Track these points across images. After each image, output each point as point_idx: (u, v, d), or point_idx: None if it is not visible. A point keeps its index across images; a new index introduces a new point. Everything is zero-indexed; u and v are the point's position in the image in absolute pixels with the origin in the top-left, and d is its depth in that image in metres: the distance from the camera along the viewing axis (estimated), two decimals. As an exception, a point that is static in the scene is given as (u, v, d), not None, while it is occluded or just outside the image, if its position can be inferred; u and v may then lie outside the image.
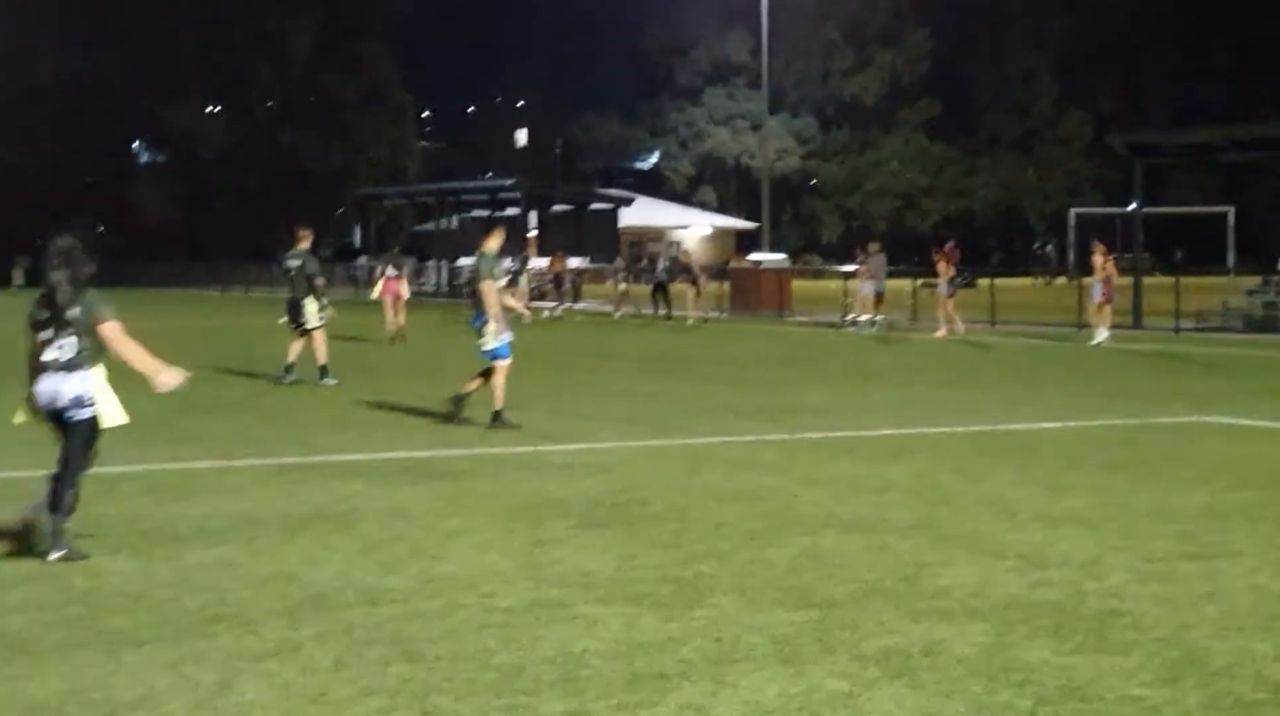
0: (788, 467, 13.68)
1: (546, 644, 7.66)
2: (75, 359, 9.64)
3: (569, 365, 25.88)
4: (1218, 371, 24.89)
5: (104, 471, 13.43)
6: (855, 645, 7.62)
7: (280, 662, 7.36)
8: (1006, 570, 9.32)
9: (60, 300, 9.63)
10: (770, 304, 45.89)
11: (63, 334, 9.63)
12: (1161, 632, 7.85)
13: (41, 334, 9.67)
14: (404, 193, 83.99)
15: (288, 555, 9.88)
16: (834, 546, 10.07)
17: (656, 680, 7.04)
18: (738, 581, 9.04)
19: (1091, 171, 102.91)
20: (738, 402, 19.61)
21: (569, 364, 26.17)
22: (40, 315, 9.72)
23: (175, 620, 8.16)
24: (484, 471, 13.46)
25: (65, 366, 9.64)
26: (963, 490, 12.38)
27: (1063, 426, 17.03)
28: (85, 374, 9.70)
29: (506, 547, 10.06)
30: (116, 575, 9.28)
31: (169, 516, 11.26)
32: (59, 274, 9.69)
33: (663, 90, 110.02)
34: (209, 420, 17.68)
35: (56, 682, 7.00)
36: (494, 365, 16.79)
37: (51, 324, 9.64)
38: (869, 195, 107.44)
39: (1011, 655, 7.43)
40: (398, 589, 8.87)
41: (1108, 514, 11.23)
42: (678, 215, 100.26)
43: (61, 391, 9.65)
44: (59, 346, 9.63)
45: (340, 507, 11.60)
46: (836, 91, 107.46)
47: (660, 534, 10.51)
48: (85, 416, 9.75)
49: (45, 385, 9.67)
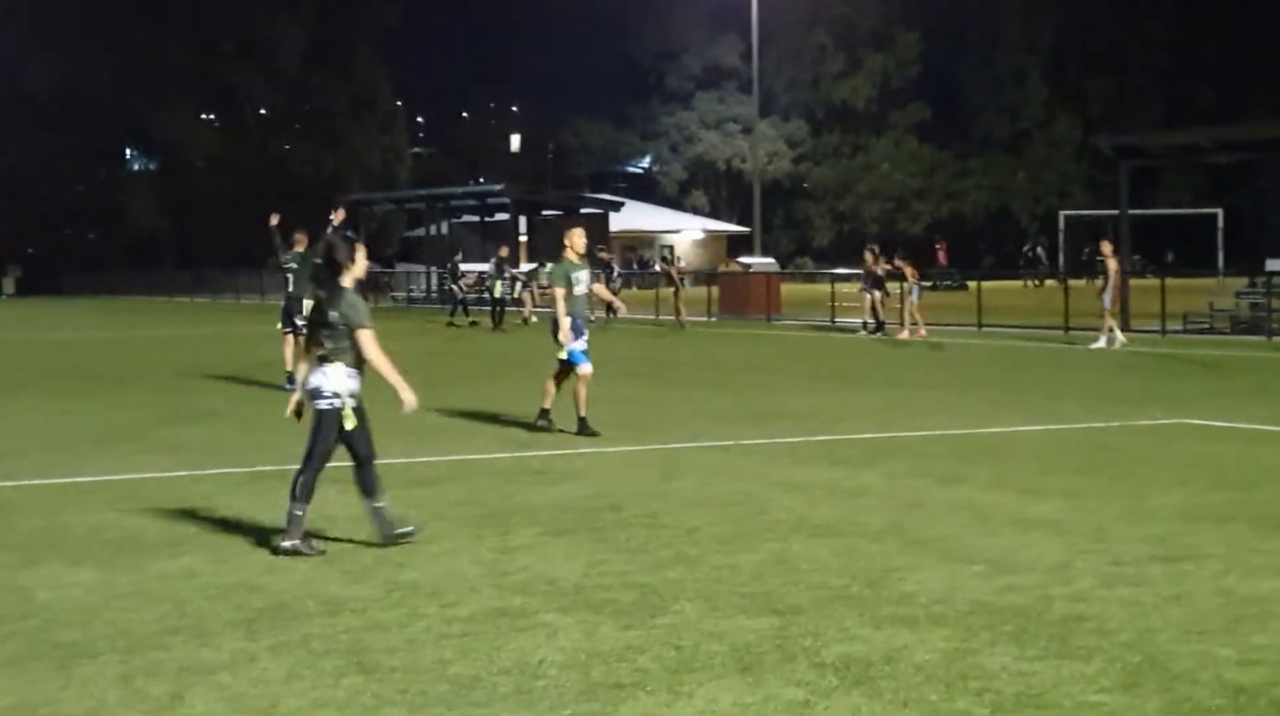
0: (763, 473, 13.61)
1: (504, 654, 7.60)
2: (328, 354, 10.13)
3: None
4: (1202, 373, 24.83)
5: (75, 481, 13.45)
6: (816, 652, 7.56)
7: (233, 674, 7.30)
8: (974, 575, 9.27)
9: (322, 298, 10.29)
10: (759, 308, 45.83)
11: (324, 330, 10.19)
12: (1125, 637, 7.79)
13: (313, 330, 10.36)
14: (393, 198, 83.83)
15: (252, 564, 9.81)
16: (803, 551, 10.01)
17: (612, 690, 6.98)
18: (703, 588, 8.98)
19: (1082, 173, 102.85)
20: (718, 407, 19.54)
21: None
22: (314, 315, 10.38)
23: (131, 631, 8.10)
24: (458, 478, 13.41)
25: (320, 360, 10.17)
26: (936, 495, 12.32)
27: (1042, 429, 16.96)
28: (332, 369, 10.14)
29: (473, 555, 10.00)
30: (78, 586, 9.22)
31: (135, 526, 11.19)
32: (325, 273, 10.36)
33: (653, 94, 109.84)
34: (187, 429, 17.61)
35: (6, 697, 6.96)
36: (575, 371, 16.55)
37: (320, 321, 10.25)
38: (860, 198, 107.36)
39: (972, 662, 7.37)
40: (359, 598, 8.81)
41: (1080, 517, 11.17)
42: (669, 219, 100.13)
43: (310, 381, 10.20)
44: (322, 341, 10.19)
45: (310, 516, 11.49)
46: (827, 95, 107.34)
47: (629, 540, 10.45)
48: (323, 407, 10.14)
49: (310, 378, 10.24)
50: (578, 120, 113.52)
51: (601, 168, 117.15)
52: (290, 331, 22.22)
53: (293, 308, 22.24)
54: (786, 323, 44.22)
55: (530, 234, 68.67)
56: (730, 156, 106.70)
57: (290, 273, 22.42)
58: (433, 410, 19.42)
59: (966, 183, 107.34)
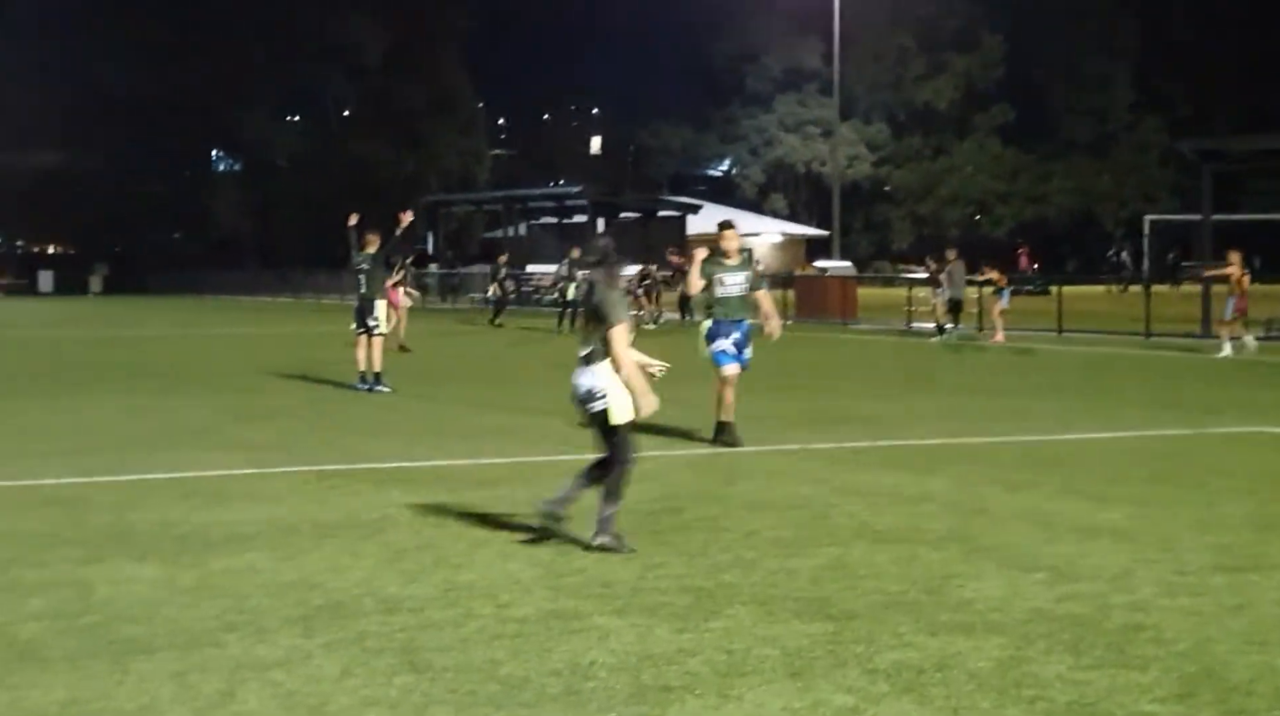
0: (827, 477, 13.56)
1: (556, 655, 7.61)
2: (591, 354, 10.19)
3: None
4: (1282, 380, 24.55)
5: (144, 477, 13.58)
6: (868, 658, 7.53)
7: (286, 671, 7.34)
8: (1034, 583, 9.19)
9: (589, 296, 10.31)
10: (835, 311, 45.69)
11: (590, 330, 10.30)
12: (1183, 647, 7.71)
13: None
14: (471, 199, 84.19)
15: (313, 562, 9.87)
16: (862, 557, 9.96)
17: (660, 692, 6.98)
18: (758, 592, 8.96)
19: (1168, 177, 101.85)
20: (785, 411, 19.51)
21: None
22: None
23: (189, 628, 8.17)
24: (521, 479, 13.43)
25: (585, 360, 10.21)
26: (1002, 501, 12.23)
27: (1113, 437, 16.81)
28: (598, 368, 10.16)
29: (531, 556, 10.01)
30: (140, 582, 9.30)
31: (202, 522, 11.27)
32: (596, 273, 10.35)
33: (734, 97, 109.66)
34: (257, 428, 17.74)
35: (59, 692, 7.01)
36: (718, 372, 15.91)
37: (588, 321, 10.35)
38: (942, 202, 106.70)
39: (1026, 670, 7.31)
40: (416, 597, 8.84)
41: (1146, 526, 11.06)
42: (748, 222, 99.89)
43: (579, 383, 10.22)
44: (587, 342, 10.26)
45: (372, 515, 11.58)
46: (909, 97, 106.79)
47: (687, 543, 10.44)
48: (597, 408, 10.16)
49: (576, 378, 10.28)
50: (658, 123, 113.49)
51: (681, 170, 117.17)
52: (363, 332, 22.34)
53: (365, 308, 22.37)
54: (862, 327, 44.05)
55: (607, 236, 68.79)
56: (810, 159, 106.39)
57: (363, 273, 22.53)
58: (496, 411, 19.52)
59: (1050, 186, 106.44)
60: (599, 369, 10.12)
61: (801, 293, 48.92)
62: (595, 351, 10.15)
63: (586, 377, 10.15)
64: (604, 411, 10.11)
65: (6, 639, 7.96)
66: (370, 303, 22.36)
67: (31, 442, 16.28)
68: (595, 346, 10.15)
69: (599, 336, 10.14)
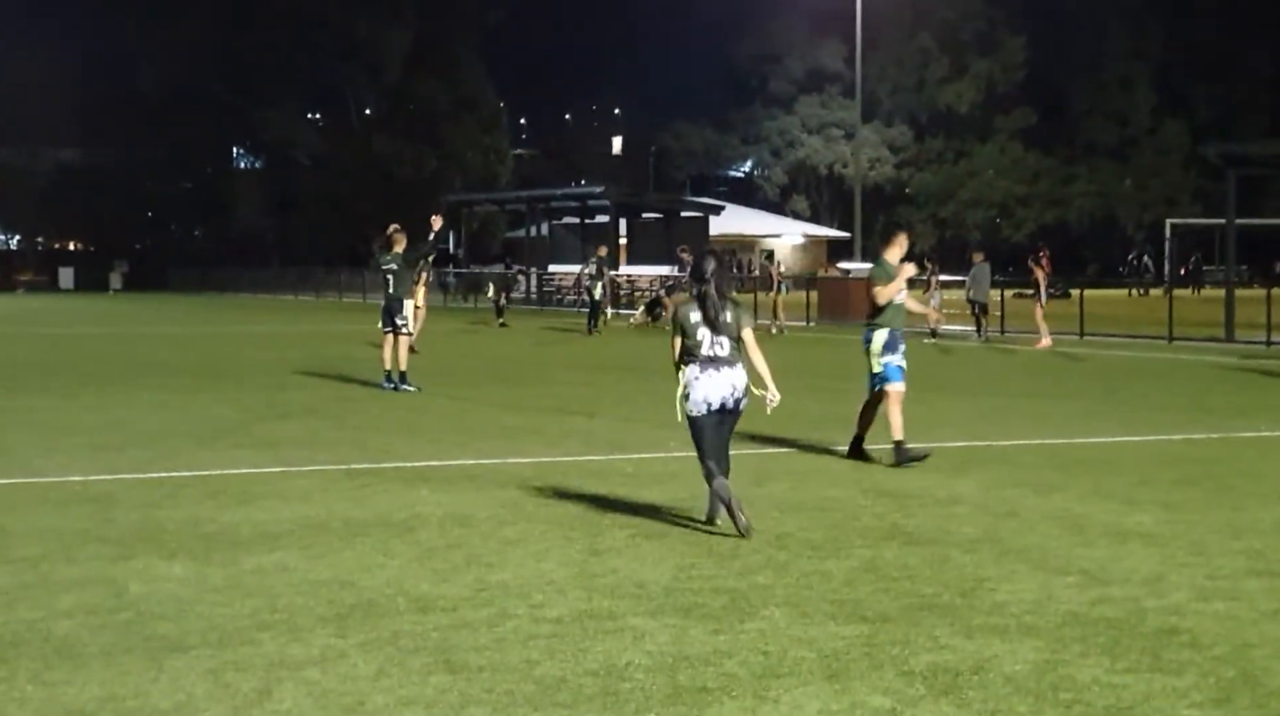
0: (856, 479, 13.55)
1: (591, 656, 7.60)
2: (730, 356, 10.89)
3: (648, 371, 25.75)
4: (1308, 385, 24.45)
5: (172, 475, 13.60)
6: (904, 661, 7.51)
7: (322, 670, 7.34)
8: (1067, 586, 9.16)
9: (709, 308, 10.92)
10: (858, 313, 45.53)
11: (718, 335, 10.89)
12: (1219, 651, 7.68)
13: (700, 333, 10.91)
14: (494, 199, 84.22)
15: (344, 561, 9.87)
16: (894, 559, 9.95)
17: (697, 694, 6.97)
18: (792, 594, 8.94)
19: (1190, 182, 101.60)
20: (813, 412, 19.51)
21: (648, 370, 26.06)
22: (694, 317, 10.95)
23: (222, 626, 8.17)
24: (550, 478, 13.39)
25: (727, 361, 10.89)
26: (1032, 504, 12.20)
27: (1141, 440, 16.77)
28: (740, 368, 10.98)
29: (563, 556, 10.00)
30: (172, 580, 9.31)
31: (231, 520, 11.29)
32: (709, 285, 10.96)
33: (756, 98, 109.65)
34: (284, 426, 17.75)
35: (95, 689, 7.01)
36: (884, 389, 14.91)
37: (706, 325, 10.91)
38: (963, 204, 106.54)
39: (1062, 673, 7.29)
40: (449, 597, 8.84)
41: (1177, 530, 11.03)
42: (770, 224, 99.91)
43: (734, 383, 10.88)
44: (715, 344, 10.87)
45: (402, 514, 11.59)
46: (931, 100, 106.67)
47: (719, 544, 10.43)
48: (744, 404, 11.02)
49: (718, 379, 10.87)
50: (679, 123, 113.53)
51: (703, 171, 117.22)
52: (390, 331, 22.35)
53: (393, 307, 22.38)
54: (885, 328, 43.91)
55: (630, 236, 68.80)
56: (832, 161, 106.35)
57: (391, 274, 22.53)
58: (522, 410, 19.52)
59: (1071, 189, 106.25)
60: (740, 369, 10.94)
61: (824, 294, 48.88)
62: (735, 352, 10.92)
63: (737, 375, 10.89)
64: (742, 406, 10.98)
65: (41, 635, 7.97)
66: (399, 302, 22.37)
67: (59, 439, 16.30)
68: (734, 349, 10.92)
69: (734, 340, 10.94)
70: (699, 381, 10.81)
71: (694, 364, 10.86)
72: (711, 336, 10.83)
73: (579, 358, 31.05)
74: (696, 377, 10.83)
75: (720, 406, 10.81)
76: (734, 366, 10.86)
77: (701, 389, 10.80)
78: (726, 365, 10.82)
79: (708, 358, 10.82)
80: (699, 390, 10.81)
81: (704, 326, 10.84)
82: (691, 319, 10.89)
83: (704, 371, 10.82)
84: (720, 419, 10.87)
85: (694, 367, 10.86)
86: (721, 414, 10.85)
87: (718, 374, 10.80)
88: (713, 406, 10.80)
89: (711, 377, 10.80)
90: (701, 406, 10.81)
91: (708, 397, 10.79)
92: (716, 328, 10.83)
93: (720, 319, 10.84)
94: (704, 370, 10.82)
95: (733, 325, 10.88)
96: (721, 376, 10.79)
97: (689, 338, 10.89)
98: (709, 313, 10.85)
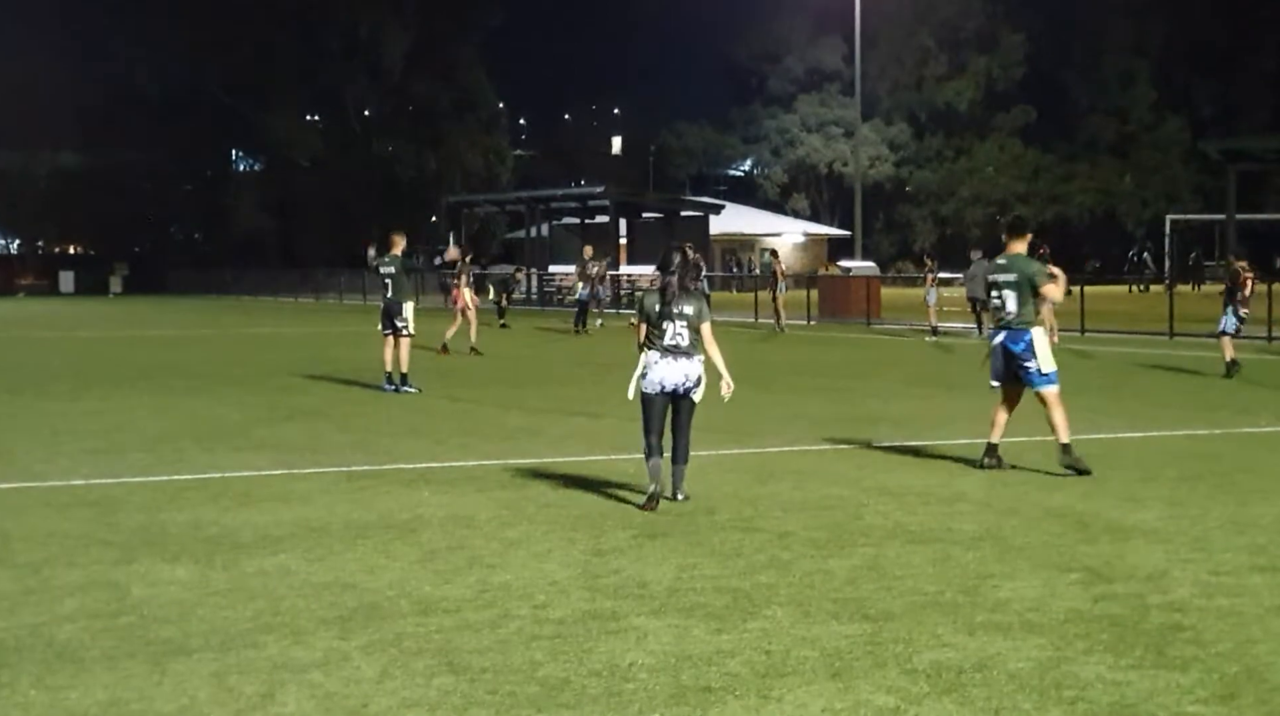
0: (859, 478, 13.53)
1: (595, 656, 7.60)
2: (689, 347, 11.81)
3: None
4: (1310, 380, 24.42)
5: (174, 478, 13.59)
6: (907, 659, 7.50)
7: (325, 673, 7.34)
8: (1070, 583, 9.16)
9: (668, 298, 11.88)
10: (858, 312, 45.61)
11: (677, 323, 11.81)
12: (1223, 648, 7.67)
13: (664, 323, 11.86)
14: (494, 200, 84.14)
15: (346, 563, 9.87)
16: (897, 557, 9.94)
17: (701, 693, 6.96)
18: (795, 593, 8.94)
19: (1190, 177, 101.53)
20: (815, 411, 19.47)
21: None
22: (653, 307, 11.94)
23: (225, 629, 8.17)
24: (552, 479, 13.38)
25: (685, 352, 11.81)
26: (1034, 501, 12.20)
27: (1143, 436, 16.76)
28: (697, 359, 11.89)
29: (565, 557, 10.00)
30: (174, 584, 9.30)
31: (233, 523, 11.28)
32: (672, 277, 11.92)
33: (755, 97, 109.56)
34: (285, 428, 17.74)
35: (99, 693, 7.01)
36: (1041, 393, 13.90)
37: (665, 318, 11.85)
38: (963, 202, 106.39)
39: (1066, 671, 7.28)
40: (452, 598, 8.83)
41: (1180, 526, 11.02)
42: (770, 222, 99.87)
43: (686, 372, 11.80)
44: (676, 335, 11.79)
45: (404, 516, 11.58)
46: (930, 97, 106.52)
47: (722, 543, 10.42)
48: (697, 393, 11.95)
49: (672, 366, 11.83)
50: (679, 123, 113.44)
51: (703, 170, 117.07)
52: (390, 333, 22.35)
53: (392, 309, 22.37)
54: (886, 326, 43.98)
55: (630, 236, 68.76)
56: (832, 160, 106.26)
57: (389, 277, 22.51)
58: (524, 411, 19.52)
59: (1071, 186, 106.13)
60: (697, 361, 11.84)
61: (825, 292, 48.86)
62: (692, 345, 11.80)
63: (692, 367, 11.80)
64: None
65: (44, 639, 7.97)
66: (398, 305, 22.35)
67: (61, 443, 16.30)
68: (690, 341, 11.80)
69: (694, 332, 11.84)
70: (657, 366, 11.79)
71: (655, 350, 11.81)
72: (674, 327, 11.76)
73: (580, 357, 31.04)
74: (655, 362, 11.80)
75: (672, 390, 11.77)
76: (690, 357, 11.79)
77: (658, 372, 11.77)
78: (684, 356, 11.77)
79: (669, 347, 11.76)
80: (655, 373, 11.77)
81: (665, 316, 11.78)
82: (655, 308, 11.87)
83: (663, 358, 11.78)
84: (668, 401, 11.82)
85: (655, 353, 11.82)
86: (671, 397, 11.80)
87: (674, 363, 11.76)
88: (665, 388, 11.76)
89: (669, 364, 11.76)
90: (655, 386, 11.77)
91: (662, 380, 11.76)
92: (676, 316, 11.76)
93: (678, 309, 11.78)
94: (664, 357, 11.78)
95: (693, 317, 11.83)
96: (678, 364, 11.75)
97: (653, 325, 11.86)
98: (667, 300, 11.80)
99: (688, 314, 11.81)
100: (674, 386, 11.75)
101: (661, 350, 11.78)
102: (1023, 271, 13.89)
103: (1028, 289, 13.84)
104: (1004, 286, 13.92)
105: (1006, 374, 14.08)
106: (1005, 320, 13.94)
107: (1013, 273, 13.89)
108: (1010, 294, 13.86)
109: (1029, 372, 13.86)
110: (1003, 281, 13.95)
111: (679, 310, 11.80)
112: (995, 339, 14.14)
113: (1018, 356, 13.87)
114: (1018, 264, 13.96)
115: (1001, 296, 13.95)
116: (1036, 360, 13.84)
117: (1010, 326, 13.89)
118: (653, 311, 11.86)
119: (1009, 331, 13.91)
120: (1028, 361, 13.84)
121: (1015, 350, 13.87)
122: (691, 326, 11.80)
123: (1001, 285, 13.95)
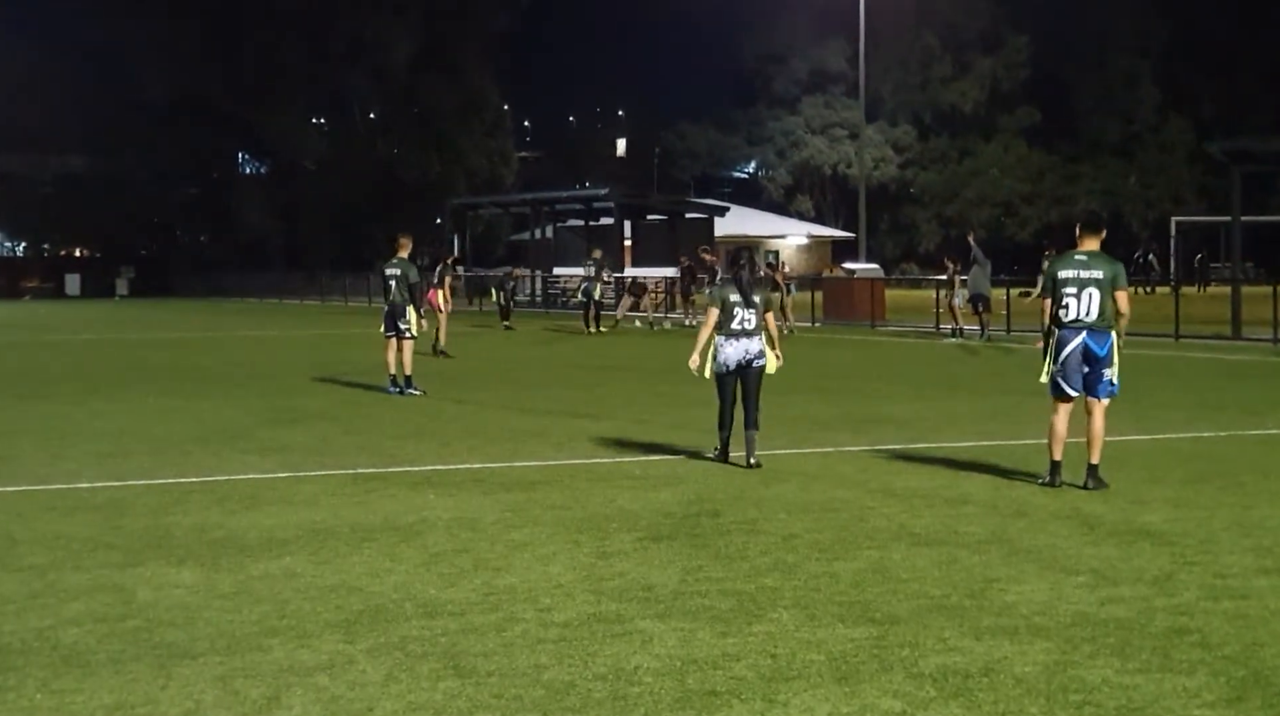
0: (863, 480, 13.52)
1: (600, 659, 7.59)
2: (754, 329, 14.29)
3: (653, 375, 25.76)
4: (1315, 382, 24.39)
5: (179, 481, 13.59)
6: (914, 663, 7.49)
7: (331, 676, 7.33)
8: (1077, 586, 9.14)
9: (744, 289, 14.28)
10: (863, 313, 45.59)
11: (747, 310, 14.23)
12: (1229, 651, 7.66)
13: (735, 309, 14.26)
14: (498, 202, 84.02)
15: (352, 566, 9.87)
16: (902, 560, 9.93)
17: (706, 697, 6.95)
18: (800, 596, 8.92)
19: (1195, 178, 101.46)
20: (819, 413, 19.48)
21: (653, 374, 26.07)
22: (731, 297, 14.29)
23: (231, 632, 8.16)
24: (557, 482, 13.39)
25: (749, 333, 14.28)
26: (1040, 503, 12.19)
27: (1150, 438, 16.74)
28: (760, 337, 14.40)
29: (570, 560, 9.99)
30: (180, 587, 9.30)
31: (239, 526, 11.28)
32: (744, 272, 14.45)
33: (760, 99, 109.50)
34: (291, 431, 17.75)
35: (104, 697, 7.01)
36: (1101, 403, 13.25)
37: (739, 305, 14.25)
38: (968, 203, 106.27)
39: (1073, 674, 7.27)
40: (457, 601, 8.83)
41: (1187, 528, 11.01)
42: (774, 224, 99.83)
43: (748, 348, 14.28)
44: (745, 319, 14.23)
45: (409, 518, 11.58)
46: (935, 99, 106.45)
47: (727, 546, 10.41)
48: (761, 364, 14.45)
49: (737, 344, 14.31)
50: (683, 125, 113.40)
51: (707, 172, 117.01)
52: (392, 335, 22.34)
53: (396, 312, 22.35)
54: (891, 328, 43.96)
55: (635, 238, 68.72)
56: (836, 161, 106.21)
57: (393, 279, 22.50)
58: (528, 413, 19.51)
59: (1076, 187, 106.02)
60: (758, 340, 14.32)
61: (829, 294, 48.85)
62: (758, 326, 14.29)
63: (753, 343, 14.30)
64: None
65: (50, 643, 7.97)
66: (401, 307, 22.34)
67: (67, 446, 16.32)
68: (758, 323, 14.30)
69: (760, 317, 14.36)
70: (724, 346, 14.22)
71: (724, 334, 14.21)
72: (743, 312, 14.16)
73: (585, 359, 31.03)
74: (723, 344, 14.22)
75: (737, 366, 14.21)
76: (753, 338, 14.24)
77: (725, 353, 14.20)
78: (747, 337, 14.22)
79: (736, 330, 14.19)
80: (724, 353, 14.21)
81: (739, 304, 14.15)
82: (731, 298, 14.20)
83: (729, 340, 14.21)
84: (737, 378, 14.24)
85: (723, 337, 14.23)
86: (739, 372, 14.21)
87: (737, 343, 14.20)
88: (730, 367, 14.23)
89: (734, 345, 14.21)
90: (724, 366, 14.22)
91: (728, 360, 14.21)
92: (749, 304, 14.15)
93: (753, 296, 14.18)
94: (728, 339, 14.22)
95: (761, 305, 14.28)
96: (741, 344, 14.22)
97: (725, 312, 14.21)
98: (745, 290, 14.18)
99: (756, 303, 14.21)
100: (738, 361, 14.16)
101: (728, 333, 14.18)
102: (1109, 269, 12.98)
103: (1109, 288, 12.93)
104: (1087, 283, 12.84)
105: (1083, 380, 13.13)
106: (1085, 321, 12.92)
107: (1098, 270, 12.89)
108: (1094, 292, 12.83)
109: (1103, 380, 13.07)
110: (1086, 278, 12.85)
111: (753, 299, 14.17)
112: (1071, 341, 13.02)
113: (1101, 360, 13.02)
114: (1102, 262, 13.00)
115: (1081, 294, 12.88)
116: (1114, 368, 13.14)
117: (1093, 327, 12.92)
118: (728, 300, 14.18)
119: (1092, 332, 12.94)
120: (1107, 367, 13.03)
121: (1100, 353, 12.99)
122: (759, 312, 14.23)
123: (1085, 282, 12.84)
